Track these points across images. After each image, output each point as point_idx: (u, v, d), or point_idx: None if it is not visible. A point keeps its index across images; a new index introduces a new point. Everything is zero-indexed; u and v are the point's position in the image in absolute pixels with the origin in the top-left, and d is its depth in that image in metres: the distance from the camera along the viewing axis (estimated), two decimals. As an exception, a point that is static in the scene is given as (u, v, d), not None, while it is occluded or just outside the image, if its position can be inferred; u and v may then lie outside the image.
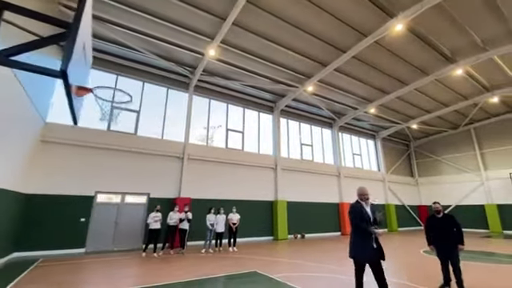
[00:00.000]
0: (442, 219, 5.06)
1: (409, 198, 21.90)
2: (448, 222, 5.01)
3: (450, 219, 5.04)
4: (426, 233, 5.21)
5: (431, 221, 5.21)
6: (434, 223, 5.14)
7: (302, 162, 16.32)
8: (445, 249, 4.89)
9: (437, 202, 5.34)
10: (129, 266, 7.15)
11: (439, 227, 5.00)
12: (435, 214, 5.15)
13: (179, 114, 12.61)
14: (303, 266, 7.11)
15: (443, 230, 4.95)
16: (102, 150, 10.33)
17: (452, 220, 5.03)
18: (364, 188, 4.00)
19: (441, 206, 5.23)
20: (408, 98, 16.27)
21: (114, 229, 10.00)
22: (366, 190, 3.97)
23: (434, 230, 5.09)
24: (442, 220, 5.05)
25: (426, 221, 5.31)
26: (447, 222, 5.00)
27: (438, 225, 5.05)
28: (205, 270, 6.57)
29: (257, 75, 13.27)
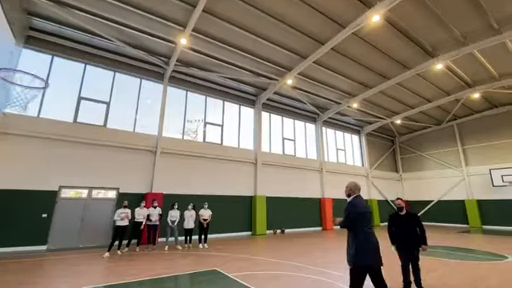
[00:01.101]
0: (406, 217, 4.76)
1: (392, 194, 21.99)
2: (411, 220, 4.72)
3: (413, 218, 4.76)
4: (389, 231, 4.89)
5: (394, 219, 4.89)
6: (396, 221, 4.83)
7: (283, 156, 16.07)
8: (407, 249, 4.62)
9: (399, 197, 5.08)
10: (82, 264, 6.79)
11: (402, 226, 4.71)
12: (398, 211, 4.85)
13: (155, 106, 12.14)
14: (267, 263, 6.89)
15: (406, 230, 4.66)
16: (68, 142, 9.82)
17: (415, 219, 4.75)
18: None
19: (404, 202, 4.92)
20: (391, 93, 16.12)
21: (79, 225, 9.58)
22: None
23: (396, 229, 4.79)
24: (405, 218, 4.75)
25: (389, 218, 4.99)
26: (410, 221, 4.72)
27: (401, 223, 4.75)
28: (161, 270, 6.26)
29: (236, 67, 12.86)
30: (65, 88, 10.34)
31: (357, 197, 3.46)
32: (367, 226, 3.29)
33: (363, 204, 3.41)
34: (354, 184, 3.55)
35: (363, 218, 3.28)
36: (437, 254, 8.23)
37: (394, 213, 4.97)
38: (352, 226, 3.32)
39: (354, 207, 3.34)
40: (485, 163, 18.67)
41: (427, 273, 5.86)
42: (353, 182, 3.59)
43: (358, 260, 3.15)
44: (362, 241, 3.18)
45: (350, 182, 3.58)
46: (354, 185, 3.55)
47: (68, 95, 10.34)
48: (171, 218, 8.98)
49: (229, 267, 6.47)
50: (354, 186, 3.53)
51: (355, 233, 3.26)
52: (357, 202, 3.40)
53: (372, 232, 3.28)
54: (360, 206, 3.35)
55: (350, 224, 3.33)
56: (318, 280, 5.43)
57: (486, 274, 5.97)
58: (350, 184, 3.56)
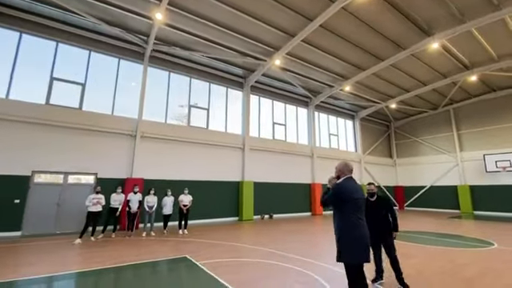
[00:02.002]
0: (376, 202, 4.47)
1: (385, 179, 21.81)
2: (381, 205, 4.43)
3: (383, 202, 4.47)
4: None
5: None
6: (366, 206, 4.56)
7: (273, 141, 15.66)
8: (377, 235, 4.31)
9: (371, 182, 4.70)
10: (51, 251, 6.52)
11: (372, 211, 4.35)
12: (368, 196, 4.51)
13: (137, 88, 11.56)
14: (243, 250, 6.63)
15: (376, 215, 4.34)
16: (41, 125, 9.35)
17: (386, 203, 4.46)
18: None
19: (376, 187, 4.59)
20: (386, 75, 15.49)
21: (55, 211, 9.28)
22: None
23: (366, 214, 4.50)
24: (375, 203, 4.46)
25: None
26: (380, 206, 4.42)
27: (370, 208, 4.43)
28: (130, 257, 5.99)
29: (221, 46, 12.17)
30: (36, 68, 9.74)
31: (348, 179, 2.93)
32: (358, 215, 2.79)
33: (356, 188, 2.88)
34: (345, 163, 3.01)
35: (354, 204, 2.78)
36: (420, 240, 8.00)
37: (366, 198, 4.61)
38: (337, 207, 2.87)
39: (342, 189, 2.86)
40: (479, 149, 18.32)
41: (405, 260, 5.59)
42: (343, 161, 3.07)
43: (348, 258, 2.73)
44: (351, 233, 2.73)
45: (340, 162, 3.07)
46: (343, 164, 3.00)
47: (39, 76, 9.75)
48: (147, 203, 8.67)
49: (201, 254, 6.21)
50: (344, 166, 2.99)
51: (342, 221, 2.80)
52: (347, 184, 2.88)
53: (363, 223, 2.81)
54: (351, 189, 2.83)
55: (333, 202, 2.89)
56: (288, 268, 5.15)
57: (467, 261, 5.71)
58: (340, 164, 3.04)
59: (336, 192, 2.89)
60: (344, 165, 3.03)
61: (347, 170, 3.00)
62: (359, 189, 2.95)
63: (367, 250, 2.76)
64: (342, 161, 3.13)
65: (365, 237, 2.78)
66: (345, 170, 3.00)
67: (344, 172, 2.99)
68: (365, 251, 2.73)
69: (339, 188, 2.89)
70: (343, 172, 3.00)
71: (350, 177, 2.98)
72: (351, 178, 2.98)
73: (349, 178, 2.96)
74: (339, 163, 3.10)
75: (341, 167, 3.04)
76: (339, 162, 3.13)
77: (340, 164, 3.07)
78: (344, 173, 2.99)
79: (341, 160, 3.26)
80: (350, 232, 2.76)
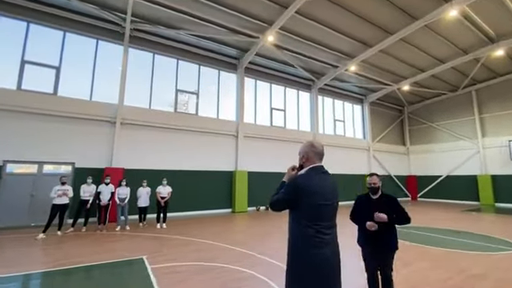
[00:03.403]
0: (379, 202, 3.10)
1: (397, 168, 20.27)
2: (386, 206, 3.03)
3: (389, 202, 3.09)
4: (353, 220, 3.23)
5: (362, 203, 3.21)
6: (364, 207, 3.13)
7: (271, 128, 14.56)
8: (377, 252, 3.01)
9: (374, 173, 3.29)
10: (6, 246, 5.94)
11: (373, 215, 2.99)
12: (370, 192, 3.18)
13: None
14: (215, 250, 5.77)
15: (379, 222, 2.96)
16: (11, 112, 8.73)
17: (392, 203, 3.08)
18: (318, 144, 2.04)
19: (379, 180, 3.15)
20: (397, 52, 13.82)
21: (29, 202, 8.78)
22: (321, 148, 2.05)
23: (363, 219, 3.08)
24: (377, 203, 3.09)
25: (355, 202, 3.28)
26: (385, 207, 3.01)
27: (371, 211, 3.03)
28: (81, 257, 5.27)
29: (208, 23, 11.04)
30: (5, 51, 9.06)
31: (314, 170, 1.93)
32: (321, 225, 1.80)
33: (323, 187, 1.88)
34: (310, 144, 2.01)
35: (315, 211, 1.81)
36: (425, 240, 6.84)
37: (364, 194, 3.29)
38: (291, 214, 1.90)
39: (299, 187, 1.84)
40: (504, 134, 16.39)
41: (400, 268, 4.53)
42: (309, 141, 2.07)
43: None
44: (305, 256, 1.76)
45: (305, 143, 2.07)
46: (309, 146, 2.00)
47: (9, 59, 9.08)
48: (118, 195, 7.95)
49: (162, 255, 5.40)
50: (310, 148, 1.99)
51: (296, 235, 1.84)
52: (310, 180, 1.87)
53: (330, 240, 1.83)
54: (314, 188, 1.84)
55: (284, 205, 1.91)
56: (251, 276, 4.23)
57: (482, 270, 4.56)
58: (304, 146, 2.03)
59: (289, 190, 1.87)
60: (309, 146, 2.00)
61: (314, 154, 1.97)
62: (331, 188, 1.93)
63: (333, 285, 1.76)
64: (307, 141, 2.08)
65: (328, 264, 1.77)
66: (310, 154, 1.98)
67: (310, 158, 1.98)
68: (330, 284, 1.74)
69: (295, 185, 1.87)
70: (308, 158, 1.98)
71: (319, 167, 1.96)
72: (320, 170, 1.95)
73: (316, 170, 1.94)
74: (303, 144, 2.06)
75: (305, 150, 2.01)
76: (304, 142, 2.08)
77: (304, 146, 2.03)
78: (310, 159, 1.98)
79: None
80: (304, 254, 1.76)
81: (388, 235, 2.99)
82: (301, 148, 2.07)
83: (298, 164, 2.07)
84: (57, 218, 7.25)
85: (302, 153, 2.04)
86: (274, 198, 1.97)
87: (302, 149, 2.05)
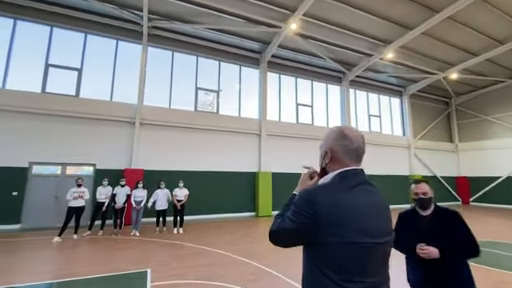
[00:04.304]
0: (431, 222, 2.04)
1: (444, 168, 17.86)
2: (445, 227, 1.97)
3: (448, 223, 1.99)
4: (396, 247, 1.99)
5: (407, 223, 2.14)
6: (412, 228, 2.07)
7: (297, 126, 13.50)
8: None
9: (423, 179, 2.19)
10: (20, 250, 5.81)
11: (424, 240, 1.94)
12: (418, 206, 2.12)
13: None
14: (228, 264, 5.01)
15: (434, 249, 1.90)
16: (37, 115, 8.91)
17: (454, 224, 1.98)
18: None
19: (429, 188, 2.12)
20: (443, 34, 11.92)
21: (54, 203, 8.87)
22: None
23: (411, 245, 1.98)
24: (430, 223, 2.04)
25: (397, 222, 2.17)
26: (443, 229, 1.96)
27: (421, 235, 1.98)
28: (83, 267, 4.86)
29: (228, 15, 10.39)
30: (31, 55, 9.29)
31: (346, 177, 1.06)
32: (362, 285, 0.94)
33: (367, 209, 1.02)
34: (339, 134, 1.13)
35: (351, 256, 0.94)
36: (495, 260, 5.37)
37: (410, 211, 2.20)
38: (307, 254, 1.05)
39: (322, 211, 0.97)
40: None
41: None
42: (338, 128, 1.17)
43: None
44: None
45: (330, 130, 1.19)
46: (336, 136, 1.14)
47: (34, 63, 9.29)
48: (135, 198, 7.58)
49: (169, 269, 4.79)
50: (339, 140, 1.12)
51: None
52: (341, 195, 1.01)
53: None
54: (347, 210, 0.98)
55: (295, 239, 1.06)
56: (265, 308, 3.38)
57: None
58: (329, 136, 1.17)
59: (300, 214, 1.01)
60: (337, 136, 1.14)
61: (345, 150, 1.11)
62: (379, 213, 1.06)
63: None
64: (334, 127, 1.19)
65: None
66: (338, 149, 1.12)
67: (337, 157, 1.12)
68: None
69: (310, 205, 0.99)
70: (335, 157, 1.12)
71: (356, 172, 1.09)
72: (357, 178, 1.08)
73: (349, 178, 1.07)
74: (327, 133, 1.20)
75: (329, 142, 1.15)
76: (330, 129, 1.21)
77: (328, 136, 1.18)
78: (338, 159, 1.11)
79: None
80: None
81: (455, 273, 1.90)
82: (325, 138, 1.19)
83: (320, 166, 1.19)
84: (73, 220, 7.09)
85: (324, 147, 1.16)
86: (277, 222, 1.11)
87: (325, 140, 1.17)
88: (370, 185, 1.10)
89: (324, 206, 0.98)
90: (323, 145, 1.19)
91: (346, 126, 1.18)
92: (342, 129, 1.16)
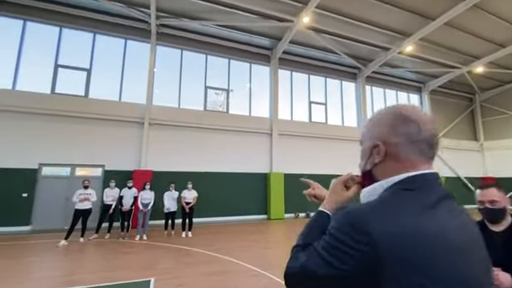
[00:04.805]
0: (509, 239, 1.49)
1: (467, 168, 16.75)
2: None
3: None
4: None
5: None
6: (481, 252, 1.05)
7: (310, 125, 12.96)
8: None
9: (491, 182, 1.73)
10: (23, 253, 5.64)
11: (497, 263, 1.26)
12: (485, 219, 1.60)
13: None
14: (236, 275, 4.60)
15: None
16: (46, 116, 8.86)
17: None
18: None
19: (502, 194, 1.55)
20: (467, 24, 11.07)
21: (64, 205, 8.75)
22: None
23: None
24: (505, 241, 1.49)
25: None
26: None
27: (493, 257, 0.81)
28: (85, 274, 4.59)
29: (237, 10, 10.03)
30: (40, 56, 9.27)
31: (413, 189, 0.61)
32: None
33: (454, 237, 0.56)
34: (397, 115, 0.68)
35: None
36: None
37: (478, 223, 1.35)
38: None
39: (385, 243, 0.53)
40: None
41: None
42: (393, 108, 0.70)
43: None
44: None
45: (379, 113, 0.73)
46: (392, 120, 0.68)
47: (44, 64, 9.26)
48: (142, 200, 7.30)
49: (172, 278, 4.43)
50: (397, 127, 0.66)
51: None
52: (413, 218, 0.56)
53: None
54: (427, 242, 0.53)
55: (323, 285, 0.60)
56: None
57: None
58: (379, 120, 0.71)
59: (344, 250, 0.56)
60: (396, 120, 0.67)
61: (413, 140, 0.65)
62: (475, 247, 0.60)
63: None
64: (385, 109, 0.72)
65: None
66: (396, 140, 0.66)
67: (396, 151, 0.66)
68: None
69: (366, 235, 0.54)
70: (394, 153, 0.66)
71: (430, 179, 0.64)
72: (434, 187, 0.63)
73: (423, 186, 0.62)
74: (375, 118, 0.73)
75: (382, 130, 0.69)
76: (377, 111, 0.74)
77: (379, 121, 0.71)
78: (397, 156, 0.66)
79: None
80: None
81: None
82: (366, 127, 0.76)
83: (361, 169, 0.78)
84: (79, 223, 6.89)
85: (370, 139, 0.73)
86: (298, 261, 0.66)
87: (372, 128, 0.74)
88: (453, 199, 0.65)
89: (389, 238, 0.54)
90: (368, 135, 0.74)
91: (405, 105, 0.73)
92: (399, 109, 0.70)
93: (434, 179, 0.65)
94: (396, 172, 0.66)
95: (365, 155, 0.74)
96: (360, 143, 0.78)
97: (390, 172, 0.66)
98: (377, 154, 0.69)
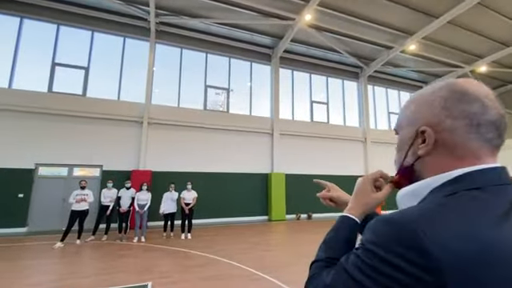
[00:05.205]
0: None
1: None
2: None
3: None
4: None
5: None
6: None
7: (312, 124, 12.79)
8: None
9: None
10: (16, 257, 5.46)
11: None
12: None
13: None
14: (236, 279, 4.43)
15: None
16: (43, 115, 8.70)
17: None
18: None
19: None
20: (470, 22, 10.89)
21: (61, 206, 8.58)
22: None
23: None
24: None
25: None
26: None
27: None
28: (79, 278, 4.40)
29: (236, 7, 9.86)
30: (37, 54, 9.10)
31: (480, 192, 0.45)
32: None
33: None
34: (456, 91, 0.51)
35: None
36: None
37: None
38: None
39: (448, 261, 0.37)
40: None
41: None
42: (450, 82, 0.53)
43: None
44: None
45: (437, 87, 0.54)
46: (448, 99, 0.50)
47: (41, 62, 9.09)
48: (138, 201, 7.11)
49: (169, 283, 4.25)
50: (454, 102, 0.50)
51: None
52: (491, 235, 0.39)
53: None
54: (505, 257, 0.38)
55: None
56: None
57: None
58: (431, 96, 0.53)
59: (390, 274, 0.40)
60: (453, 97, 0.51)
61: (477, 124, 0.49)
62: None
63: None
64: (438, 83, 0.54)
65: None
66: (459, 122, 0.49)
67: (455, 138, 0.49)
68: None
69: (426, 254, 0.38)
70: (450, 140, 0.50)
71: (499, 174, 0.48)
72: (506, 187, 0.47)
73: (491, 185, 0.46)
74: (422, 94, 0.56)
75: (432, 110, 0.52)
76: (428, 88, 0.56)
77: (430, 98, 0.53)
78: (453, 144, 0.50)
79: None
80: None
81: None
82: (407, 109, 0.59)
83: (398, 165, 0.61)
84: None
85: (413, 122, 0.56)
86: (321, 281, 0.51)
87: (417, 108, 0.56)
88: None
89: (460, 261, 0.38)
90: (408, 120, 0.58)
91: (463, 79, 0.56)
92: (456, 83, 0.54)
93: (504, 176, 0.49)
94: (450, 166, 0.49)
95: (404, 146, 0.58)
96: (395, 132, 0.62)
97: (442, 167, 0.50)
98: (422, 143, 0.53)
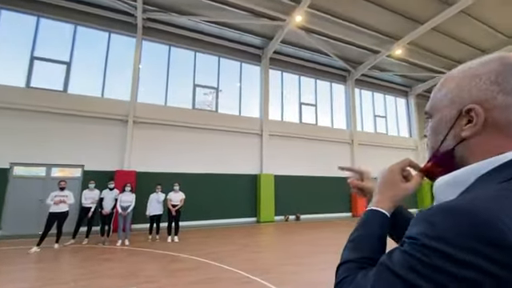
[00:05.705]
0: None
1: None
2: None
3: None
4: None
5: None
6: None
7: (301, 126, 12.83)
8: None
9: None
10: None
11: None
12: None
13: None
14: (226, 282, 4.27)
15: None
16: (19, 111, 8.19)
17: None
18: None
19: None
20: (454, 29, 11.33)
21: (39, 208, 8.07)
22: None
23: None
24: None
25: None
26: None
27: None
28: (54, 285, 4.11)
29: (226, 5, 9.74)
30: (14, 47, 8.59)
31: None
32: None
33: None
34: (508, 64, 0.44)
35: None
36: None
37: None
38: None
39: None
40: None
41: None
42: (498, 56, 0.46)
43: None
44: None
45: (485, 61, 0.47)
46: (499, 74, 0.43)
47: (18, 55, 8.59)
48: (121, 203, 6.79)
49: (157, 287, 4.05)
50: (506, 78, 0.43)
51: None
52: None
53: None
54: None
55: None
56: None
57: None
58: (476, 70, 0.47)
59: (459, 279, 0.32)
60: (504, 71, 0.44)
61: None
62: None
63: None
64: (484, 57, 0.48)
65: None
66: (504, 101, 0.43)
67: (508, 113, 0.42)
68: None
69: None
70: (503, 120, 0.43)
71: None
72: None
73: None
74: (464, 70, 0.50)
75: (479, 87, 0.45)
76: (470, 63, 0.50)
77: (475, 73, 0.46)
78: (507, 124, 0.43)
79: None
80: None
81: None
82: (445, 87, 0.52)
83: (434, 150, 0.53)
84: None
85: (453, 100, 0.48)
86: (357, 285, 0.41)
87: (459, 84, 0.49)
88: None
89: None
90: (448, 98, 0.50)
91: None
92: (511, 57, 0.46)
93: None
94: (503, 148, 0.42)
95: (441, 129, 0.50)
96: (428, 115, 0.55)
97: (492, 149, 0.43)
98: (468, 123, 0.45)
